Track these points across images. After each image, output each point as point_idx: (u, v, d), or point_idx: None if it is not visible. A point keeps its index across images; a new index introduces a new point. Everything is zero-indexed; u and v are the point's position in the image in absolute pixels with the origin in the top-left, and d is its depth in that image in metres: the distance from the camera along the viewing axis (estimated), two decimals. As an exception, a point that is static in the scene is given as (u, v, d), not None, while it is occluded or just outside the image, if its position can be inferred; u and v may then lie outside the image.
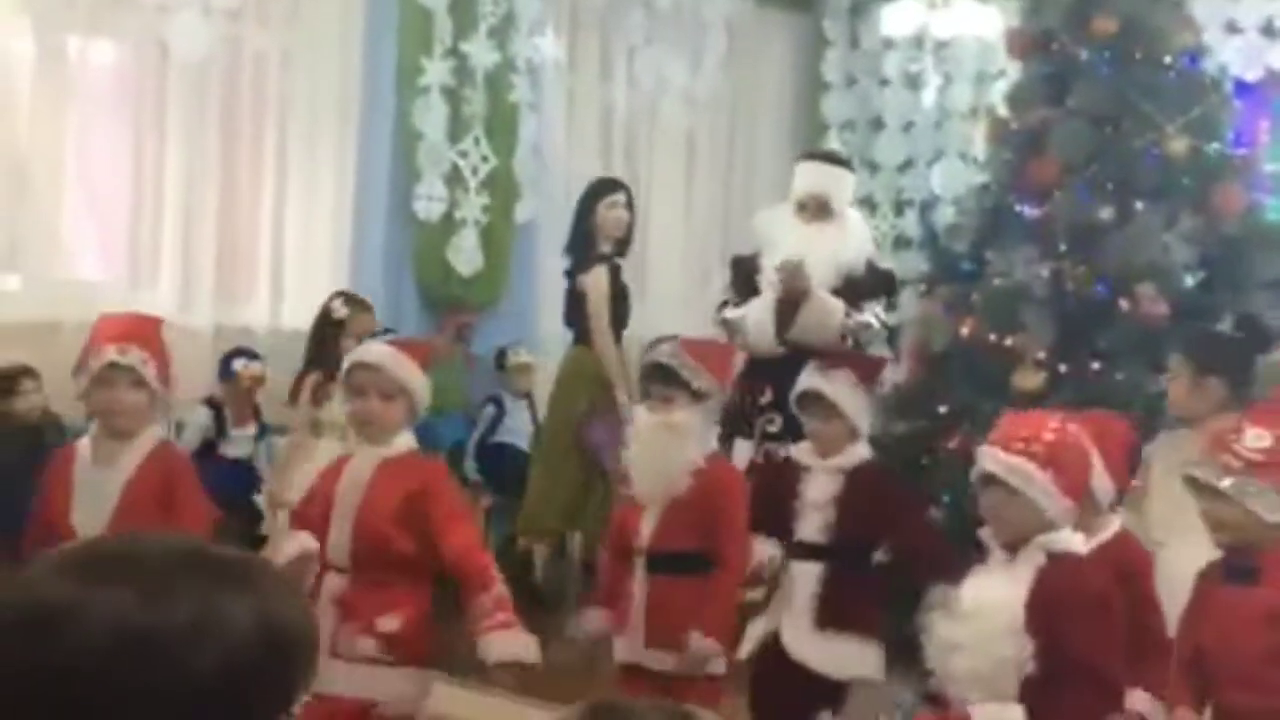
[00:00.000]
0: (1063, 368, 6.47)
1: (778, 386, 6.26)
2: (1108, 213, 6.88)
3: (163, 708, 1.34)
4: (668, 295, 9.46)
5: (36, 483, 4.72)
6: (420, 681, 4.47)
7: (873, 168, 10.14)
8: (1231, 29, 8.58)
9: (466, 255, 8.36)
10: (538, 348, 8.45)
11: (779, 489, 5.18)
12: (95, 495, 4.47)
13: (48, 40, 7.22)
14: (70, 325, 6.98)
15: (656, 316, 8.43)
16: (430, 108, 8.20)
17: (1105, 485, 4.21)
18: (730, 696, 5.04)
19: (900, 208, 10.09)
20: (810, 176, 6.84)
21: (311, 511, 4.56)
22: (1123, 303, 6.58)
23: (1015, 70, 7.94)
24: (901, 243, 10.00)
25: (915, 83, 10.01)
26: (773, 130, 10.13)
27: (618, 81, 9.50)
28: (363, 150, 8.12)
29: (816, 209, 6.72)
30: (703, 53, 9.69)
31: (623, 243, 7.53)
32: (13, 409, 6.56)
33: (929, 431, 6.78)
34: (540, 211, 8.76)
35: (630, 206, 7.57)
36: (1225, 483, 3.71)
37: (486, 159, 8.40)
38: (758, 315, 6.69)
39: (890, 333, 9.60)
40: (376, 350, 4.57)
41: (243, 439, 7.29)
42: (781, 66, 10.31)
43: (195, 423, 7.15)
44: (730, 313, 6.90)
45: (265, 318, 7.93)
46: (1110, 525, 4.28)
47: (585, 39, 9.34)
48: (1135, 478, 4.83)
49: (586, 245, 7.44)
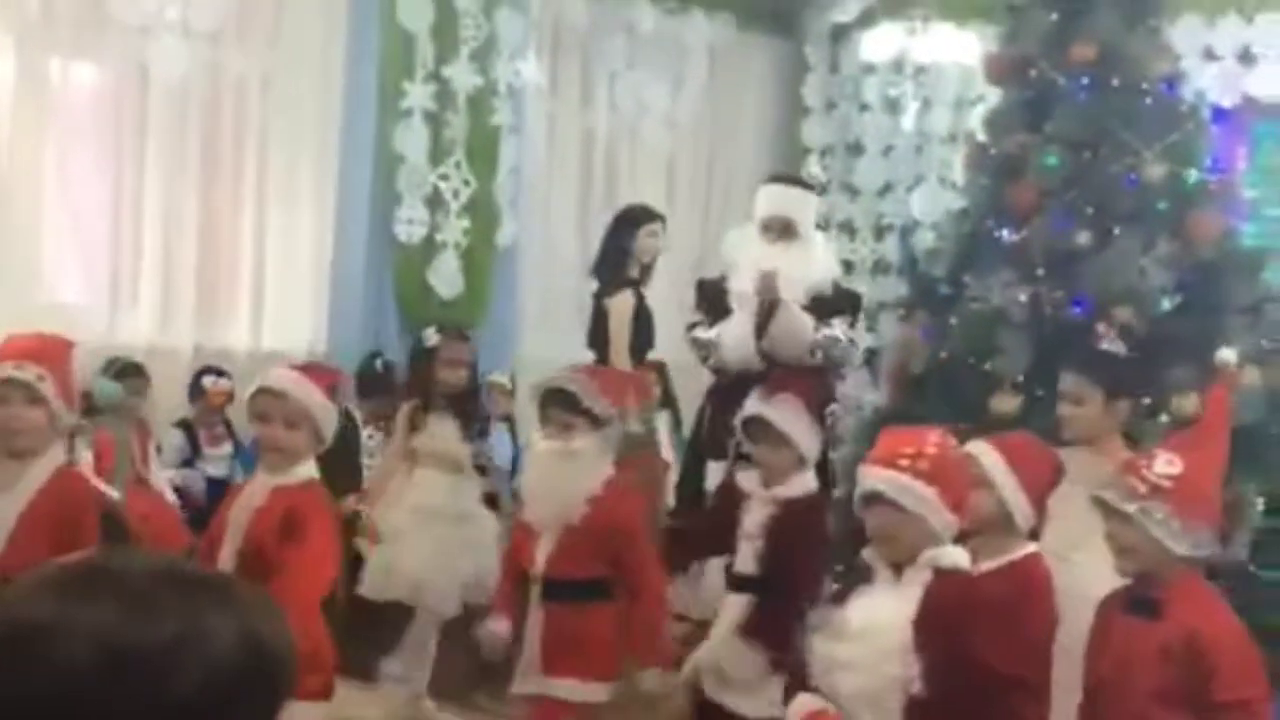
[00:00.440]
0: (1040, 391, 6.49)
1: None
2: (1085, 237, 6.92)
3: (145, 724, 1.35)
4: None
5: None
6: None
7: (852, 192, 10.17)
8: (1209, 55, 8.64)
9: (447, 278, 8.36)
10: (519, 371, 8.44)
11: (725, 515, 5.13)
12: None
13: (29, 61, 7.23)
14: (49, 347, 6.98)
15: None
16: (411, 131, 8.21)
17: (1024, 508, 4.07)
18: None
19: (880, 232, 10.11)
20: (774, 199, 6.87)
21: (210, 538, 4.49)
22: (1100, 327, 6.61)
23: (994, 96, 7.99)
24: (881, 267, 10.02)
25: (895, 108, 10.05)
26: (753, 154, 10.15)
27: (599, 106, 9.53)
28: (344, 173, 8.11)
29: (781, 230, 6.75)
30: (684, 77, 9.72)
31: (648, 269, 7.55)
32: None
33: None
34: (521, 235, 8.77)
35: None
36: (1130, 506, 3.64)
37: (468, 182, 8.40)
38: (737, 331, 6.70)
39: (868, 355, 9.67)
40: (281, 376, 4.46)
41: (218, 458, 7.28)
42: (762, 91, 10.35)
43: (170, 444, 7.15)
44: (701, 333, 6.91)
45: (245, 340, 7.92)
46: (1023, 548, 4.10)
47: (567, 63, 9.37)
48: None
49: (616, 269, 7.45)
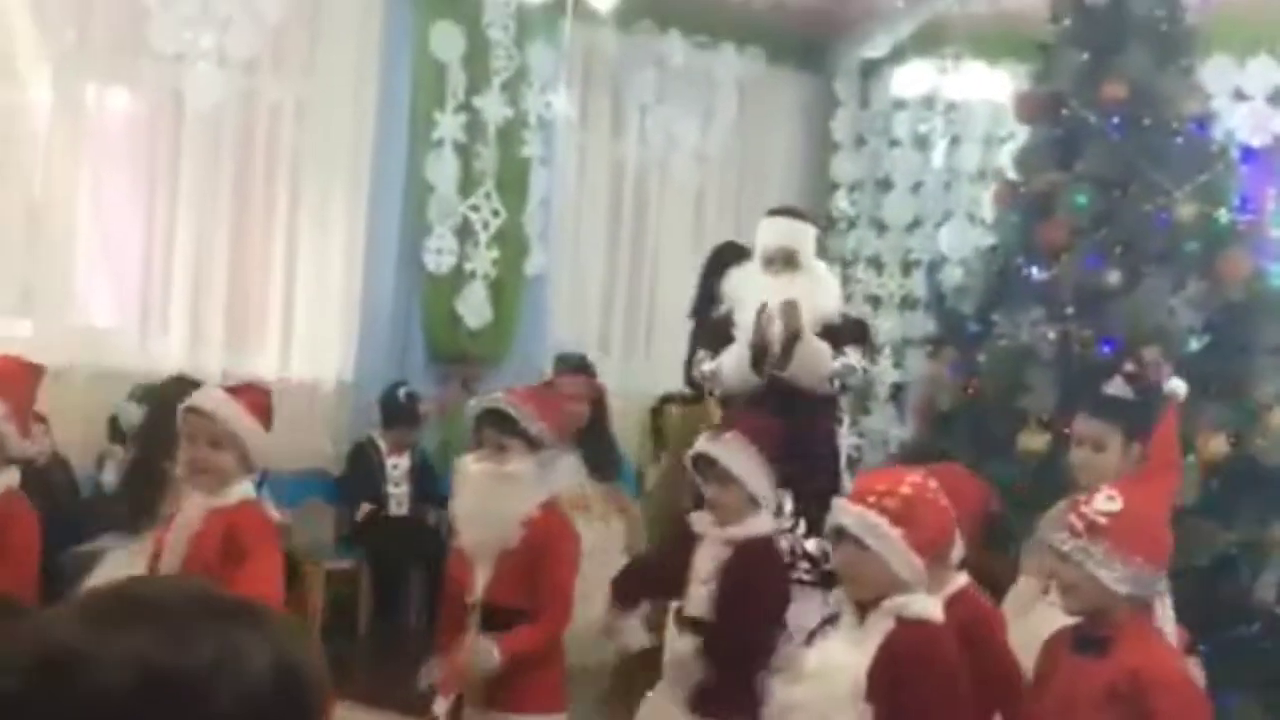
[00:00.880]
0: (1067, 429, 6.48)
1: None
2: (1115, 276, 6.92)
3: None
4: (675, 351, 9.47)
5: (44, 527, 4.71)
6: None
7: (880, 227, 10.18)
8: (1239, 96, 8.63)
9: (475, 308, 8.39)
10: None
11: (678, 555, 4.88)
12: None
13: (65, 88, 7.30)
14: (81, 371, 7.04)
15: (664, 372, 8.44)
16: (442, 161, 8.26)
17: (956, 543, 3.96)
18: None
19: (907, 268, 10.11)
20: (775, 231, 6.84)
21: (148, 562, 4.38)
22: (1128, 365, 6.60)
23: (1024, 133, 8.00)
24: (908, 303, 10.02)
25: (924, 144, 10.06)
26: (781, 189, 10.16)
27: (629, 138, 9.57)
28: (374, 202, 8.16)
29: (784, 262, 6.72)
30: (713, 111, 9.75)
31: None
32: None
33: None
34: (549, 266, 8.80)
35: None
36: (1067, 545, 3.53)
37: (497, 213, 8.44)
38: (733, 357, 6.67)
39: (894, 390, 9.66)
40: (207, 396, 4.37)
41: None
42: (791, 126, 10.36)
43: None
44: (706, 366, 6.91)
45: (274, 366, 7.95)
46: (956, 581, 4.02)
47: (597, 96, 9.41)
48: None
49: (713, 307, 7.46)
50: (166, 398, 6.48)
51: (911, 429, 8.30)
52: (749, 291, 6.64)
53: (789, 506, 6.20)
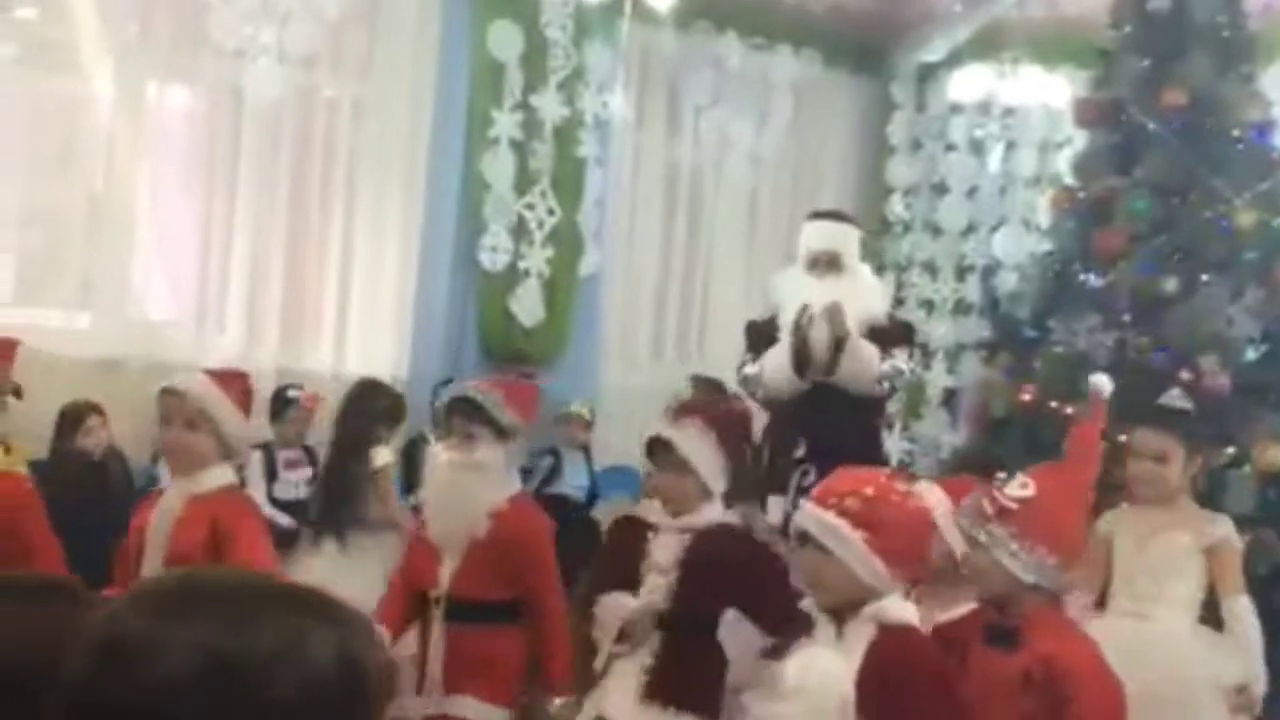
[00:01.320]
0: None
1: (809, 437, 6.25)
2: (1172, 284, 6.88)
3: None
4: (727, 352, 9.47)
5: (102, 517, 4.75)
6: None
7: (935, 232, 10.15)
8: (1300, 103, 8.57)
9: (529, 307, 8.41)
10: (598, 401, 8.47)
11: (629, 547, 4.75)
12: None
13: (127, 83, 7.36)
14: (137, 364, 7.09)
15: (717, 373, 8.42)
16: (498, 159, 8.29)
17: (942, 551, 3.78)
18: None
19: (962, 273, 10.08)
20: (818, 234, 6.83)
21: (129, 548, 4.34)
22: (1184, 373, 6.56)
23: (1081, 139, 7.96)
24: (962, 308, 9.98)
25: (980, 149, 10.02)
26: (836, 192, 10.13)
27: (684, 139, 9.57)
28: (430, 199, 8.20)
29: (827, 265, 6.71)
30: (769, 113, 9.75)
31: None
32: (79, 445, 6.63)
33: (986, 496, 6.75)
34: (604, 266, 8.81)
35: None
36: (975, 530, 3.49)
37: (552, 212, 8.46)
38: (774, 359, 6.66)
39: (947, 395, 9.62)
40: (184, 377, 4.35)
41: (291, 483, 7.05)
42: (847, 129, 10.34)
43: (253, 467, 7.09)
44: (749, 369, 6.90)
45: (328, 363, 7.99)
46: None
47: (653, 97, 9.42)
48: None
49: None
50: (355, 400, 6.53)
51: (963, 435, 8.26)
52: (792, 294, 6.63)
53: (776, 516, 6.15)
